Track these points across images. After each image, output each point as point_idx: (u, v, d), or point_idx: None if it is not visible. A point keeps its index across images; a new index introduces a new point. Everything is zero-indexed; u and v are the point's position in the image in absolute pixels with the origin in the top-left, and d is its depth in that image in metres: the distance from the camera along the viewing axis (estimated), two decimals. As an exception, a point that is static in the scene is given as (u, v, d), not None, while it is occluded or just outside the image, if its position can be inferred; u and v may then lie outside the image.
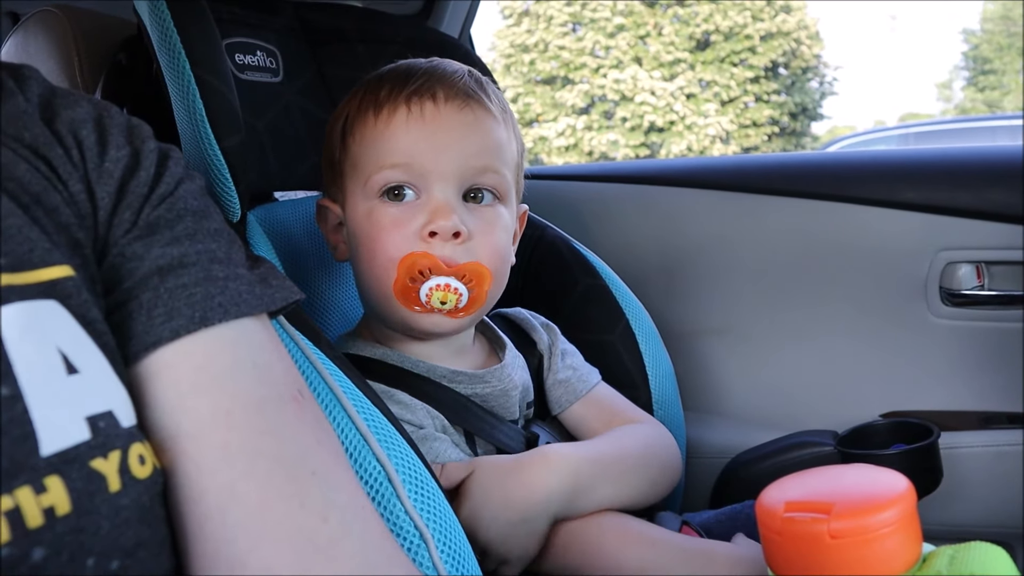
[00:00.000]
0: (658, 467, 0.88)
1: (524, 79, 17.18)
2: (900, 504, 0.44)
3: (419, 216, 0.78)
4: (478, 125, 0.81)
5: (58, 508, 0.37)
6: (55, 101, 0.51)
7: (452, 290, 0.77)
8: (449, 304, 0.78)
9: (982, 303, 1.23)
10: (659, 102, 16.15)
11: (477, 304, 0.80)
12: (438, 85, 0.80)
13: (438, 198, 0.79)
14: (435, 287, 0.77)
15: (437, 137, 0.79)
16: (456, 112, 0.80)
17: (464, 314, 0.80)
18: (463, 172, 0.80)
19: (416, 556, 0.57)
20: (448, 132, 0.79)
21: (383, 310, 0.82)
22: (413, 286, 0.77)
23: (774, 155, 1.45)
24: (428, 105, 0.79)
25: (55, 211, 0.46)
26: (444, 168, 0.79)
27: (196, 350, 0.47)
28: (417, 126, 0.79)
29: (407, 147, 0.79)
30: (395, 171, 0.79)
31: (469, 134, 0.80)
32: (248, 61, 0.98)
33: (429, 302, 0.77)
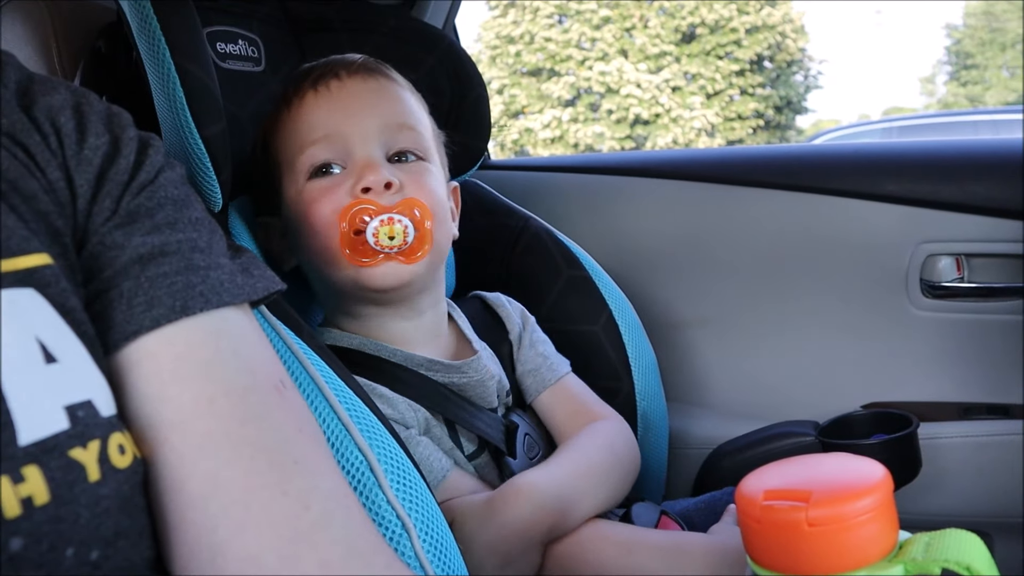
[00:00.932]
0: (624, 467, 0.89)
1: (510, 71, 17.14)
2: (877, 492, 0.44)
3: (348, 179, 0.80)
4: (385, 91, 0.85)
5: (36, 498, 0.37)
6: (33, 87, 0.50)
7: (396, 222, 0.78)
8: (398, 238, 0.78)
9: (962, 295, 1.24)
10: (645, 95, 16.16)
11: (425, 242, 0.80)
12: (339, 66, 0.85)
13: (363, 157, 0.81)
14: (380, 223, 0.77)
15: (348, 104, 0.82)
16: (361, 82, 0.84)
17: (418, 255, 0.79)
18: (381, 131, 0.82)
19: (398, 546, 0.57)
20: (357, 98, 0.83)
21: (337, 278, 0.82)
22: (359, 237, 0.78)
23: (757, 147, 1.45)
24: (333, 82, 0.84)
25: (33, 198, 0.45)
26: (362, 130, 0.81)
27: (177, 339, 0.47)
28: (326, 101, 0.83)
29: (321, 120, 0.82)
30: (316, 147, 0.81)
31: (380, 98, 0.84)
32: (230, 50, 0.97)
33: (378, 242, 0.77)
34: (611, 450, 0.88)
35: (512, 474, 0.84)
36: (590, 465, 0.84)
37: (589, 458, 0.85)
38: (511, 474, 0.84)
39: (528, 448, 0.87)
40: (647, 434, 1.04)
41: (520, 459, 0.85)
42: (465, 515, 0.75)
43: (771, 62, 17.16)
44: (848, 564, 0.43)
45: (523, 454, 0.86)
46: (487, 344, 0.93)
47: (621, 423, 0.95)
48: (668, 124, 16.12)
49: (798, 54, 17.31)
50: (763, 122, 17.05)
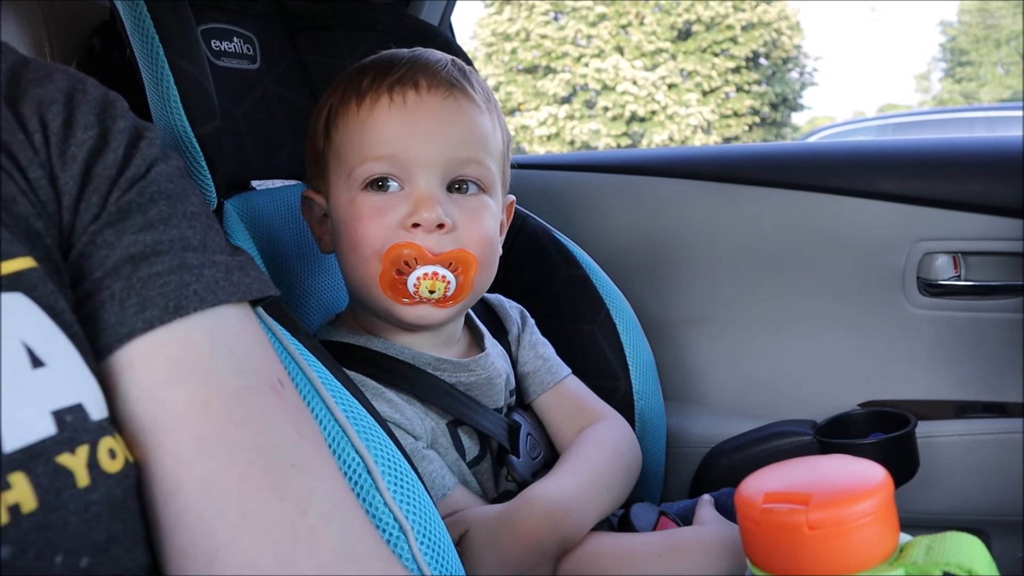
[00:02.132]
0: (628, 469, 0.89)
1: (506, 68, 17.13)
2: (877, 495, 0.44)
3: (402, 206, 0.77)
4: (461, 114, 0.80)
5: (23, 505, 0.36)
6: (26, 75, 0.48)
7: (440, 278, 0.76)
8: (437, 292, 0.77)
9: (959, 293, 1.24)
10: (641, 92, 16.16)
11: (465, 292, 0.79)
12: (420, 74, 0.79)
13: (422, 188, 0.77)
14: (423, 276, 0.76)
15: (419, 126, 0.78)
16: (439, 101, 0.79)
17: (453, 303, 0.79)
18: (447, 162, 0.78)
19: (396, 548, 0.56)
20: (431, 121, 0.78)
21: (369, 301, 0.81)
22: (400, 277, 0.76)
23: (754, 145, 1.45)
24: (411, 94, 0.78)
25: (12, 202, 0.44)
26: (427, 158, 0.78)
27: (171, 341, 0.46)
28: (399, 115, 0.78)
29: (389, 137, 0.78)
30: (378, 163, 0.78)
31: (452, 123, 0.79)
32: (225, 47, 0.96)
33: (418, 292, 0.76)
34: (616, 453, 0.88)
35: (517, 473, 0.84)
36: (598, 473, 0.84)
37: (596, 465, 0.85)
38: (516, 474, 0.84)
39: (531, 448, 0.87)
40: (645, 433, 1.04)
41: (523, 458, 0.85)
42: (478, 527, 0.74)
43: (767, 59, 17.17)
44: (849, 567, 0.43)
45: (526, 454, 0.86)
46: (496, 342, 0.93)
47: (622, 423, 0.95)
48: (664, 121, 16.13)
49: (793, 51, 17.33)
50: (759, 119, 17.06)
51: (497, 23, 17.10)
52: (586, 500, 0.79)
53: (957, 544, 0.44)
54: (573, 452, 0.87)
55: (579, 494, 0.79)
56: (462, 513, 0.76)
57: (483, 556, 0.73)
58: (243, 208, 0.92)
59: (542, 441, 0.91)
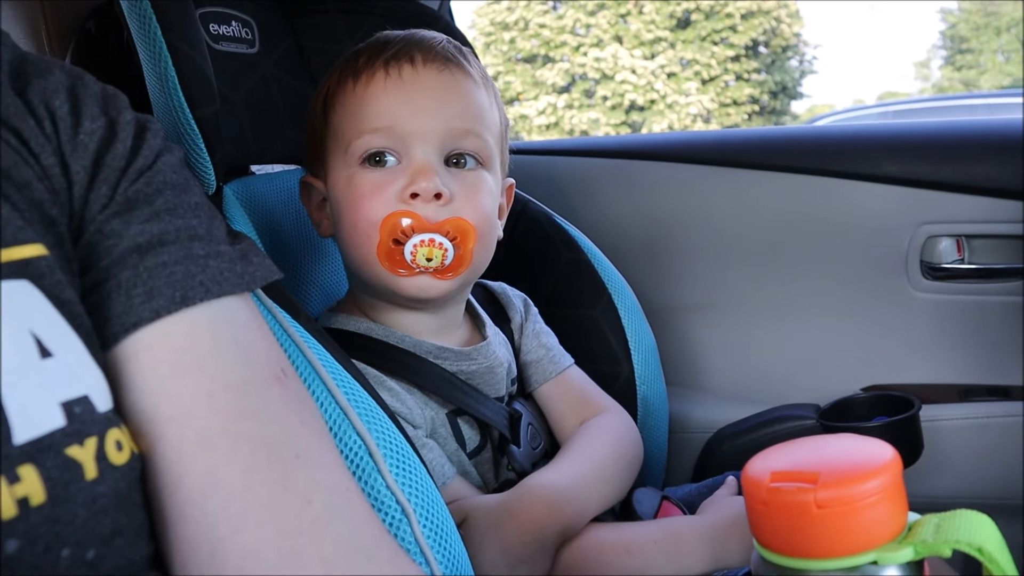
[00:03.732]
0: (629, 462, 0.89)
1: (504, 57, 17.09)
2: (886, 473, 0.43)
3: (400, 179, 0.77)
4: (458, 88, 0.80)
5: (32, 498, 0.36)
6: (26, 68, 0.48)
7: (437, 245, 0.76)
8: (435, 261, 0.76)
9: (962, 277, 1.24)
10: (640, 81, 16.12)
11: (464, 263, 0.78)
12: (416, 49, 0.80)
13: (419, 159, 0.77)
14: (420, 243, 0.75)
15: (416, 98, 0.78)
16: (435, 74, 0.80)
17: (452, 274, 0.78)
18: (444, 134, 0.78)
19: (398, 531, 0.56)
20: (427, 93, 0.79)
21: (368, 276, 0.81)
22: (397, 247, 0.76)
23: (756, 129, 1.45)
24: (407, 68, 0.79)
25: (27, 187, 0.44)
26: (424, 129, 0.78)
27: (177, 331, 0.45)
28: (395, 88, 0.78)
29: (386, 110, 0.78)
30: (375, 136, 0.78)
31: (449, 96, 0.79)
32: (223, 31, 0.96)
33: (415, 260, 0.76)
34: (618, 446, 0.88)
35: (517, 463, 0.83)
36: (599, 464, 0.84)
37: (598, 457, 0.85)
38: (516, 464, 0.84)
39: (531, 438, 0.87)
40: (647, 418, 1.04)
41: (524, 448, 0.85)
42: (478, 515, 0.74)
43: (766, 47, 17.13)
44: (857, 546, 0.43)
45: (527, 443, 0.86)
46: (498, 330, 0.93)
47: (624, 416, 0.94)
48: (663, 110, 16.10)
49: (793, 39, 17.29)
50: (758, 107, 17.04)
51: (496, 12, 17.05)
52: (587, 490, 0.79)
53: (967, 522, 0.43)
54: (575, 443, 0.87)
55: (580, 484, 0.79)
56: (460, 502, 0.76)
57: (483, 544, 0.72)
58: (242, 193, 0.91)
59: (543, 431, 0.91)
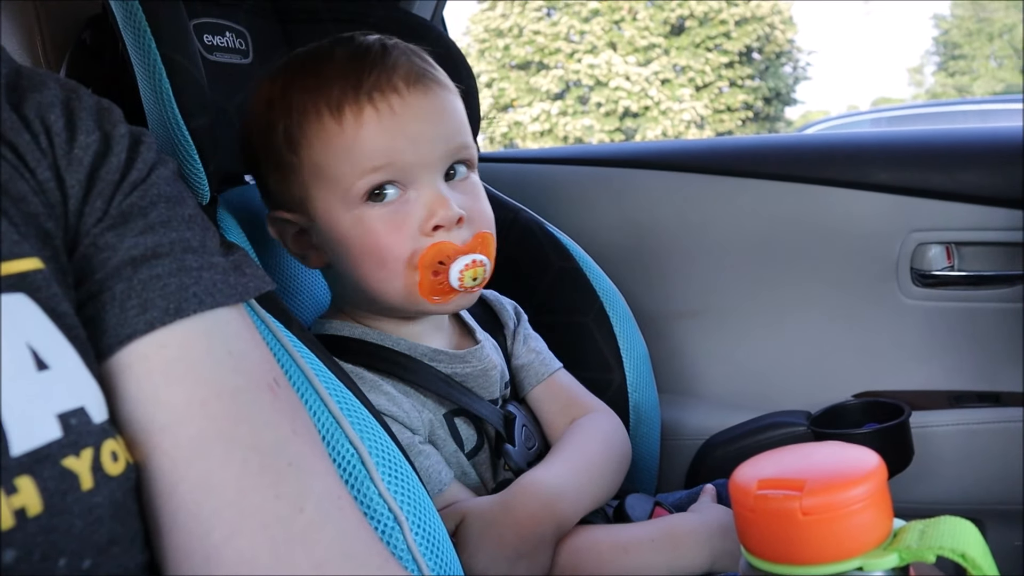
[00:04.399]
0: (619, 460, 0.90)
1: (498, 64, 17.11)
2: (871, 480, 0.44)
3: (414, 212, 0.76)
4: (444, 105, 0.79)
5: (29, 509, 0.36)
6: (22, 82, 0.49)
7: (478, 263, 0.77)
8: (480, 278, 0.78)
9: (952, 284, 1.25)
10: (634, 87, 16.15)
11: (491, 271, 0.81)
12: (395, 75, 0.76)
13: (430, 190, 0.77)
14: (465, 267, 0.77)
15: (412, 129, 0.76)
16: (422, 98, 0.77)
17: (484, 283, 0.80)
18: (444, 156, 0.78)
19: (390, 539, 0.56)
20: (421, 120, 0.76)
21: (397, 306, 0.80)
22: (438, 278, 0.76)
23: (747, 137, 1.45)
24: (395, 99, 0.75)
25: (23, 200, 0.44)
26: (427, 158, 0.77)
27: (171, 342, 0.46)
28: (390, 124, 0.75)
29: (386, 147, 0.75)
30: (377, 174, 0.76)
31: (441, 118, 0.78)
32: (217, 42, 0.96)
33: (463, 284, 0.77)
34: (607, 444, 0.89)
35: (513, 462, 0.84)
36: (589, 461, 0.85)
37: (588, 454, 0.86)
38: (512, 463, 0.84)
39: (526, 439, 0.88)
40: (639, 426, 1.04)
41: (519, 447, 0.86)
42: (474, 515, 0.75)
43: (760, 54, 17.18)
44: (843, 553, 0.43)
45: (521, 443, 0.87)
46: (488, 335, 0.93)
47: (612, 416, 0.96)
48: (657, 116, 16.13)
49: (787, 45, 17.35)
50: (752, 114, 17.08)
51: (490, 19, 17.07)
52: (579, 486, 0.81)
53: (950, 528, 0.44)
54: (565, 442, 0.88)
55: (572, 480, 0.81)
56: (457, 504, 0.76)
57: (480, 543, 0.73)
58: (236, 202, 0.92)
59: (536, 433, 0.92)
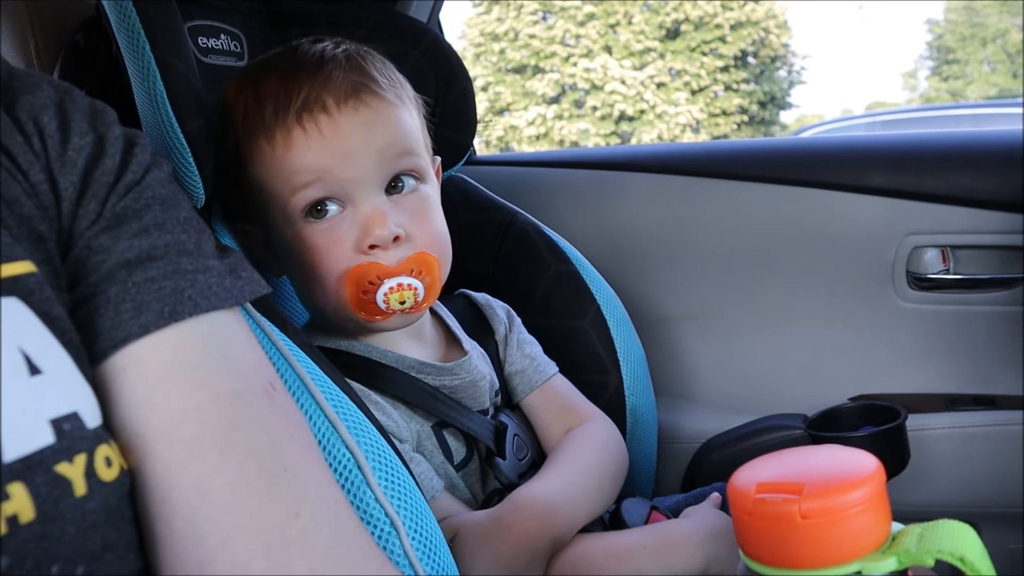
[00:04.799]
0: (616, 470, 0.89)
1: (494, 68, 17.12)
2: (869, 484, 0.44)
3: (351, 230, 0.76)
4: (379, 120, 0.77)
5: (22, 516, 0.36)
6: (14, 84, 0.48)
7: (407, 287, 0.76)
8: (408, 302, 0.76)
9: (948, 287, 1.25)
10: (629, 91, 16.18)
11: (434, 293, 0.79)
12: (324, 92, 0.75)
13: (365, 207, 0.76)
14: (390, 290, 0.75)
15: (342, 145, 0.75)
16: (353, 115, 0.75)
17: (425, 304, 0.79)
18: (378, 169, 0.76)
19: (387, 543, 0.56)
20: (352, 138, 0.75)
21: (339, 319, 0.81)
22: (367, 297, 0.76)
23: (743, 141, 1.46)
24: (322, 119, 0.75)
25: (15, 203, 0.44)
26: (360, 174, 0.75)
27: (165, 345, 0.46)
28: (318, 143, 0.75)
29: (314, 164, 0.75)
30: (311, 189, 0.75)
31: (374, 132, 0.76)
32: (212, 44, 0.96)
33: (388, 307, 0.76)
34: (604, 453, 0.88)
35: (503, 475, 0.84)
36: (586, 473, 0.84)
37: (584, 466, 0.85)
38: (503, 476, 0.84)
39: (517, 449, 0.87)
40: (636, 429, 1.04)
41: (510, 460, 0.85)
42: (468, 531, 0.74)
43: (755, 58, 17.23)
44: (842, 556, 0.43)
45: (512, 455, 0.86)
46: (476, 343, 0.92)
47: (609, 424, 0.94)
48: (653, 120, 16.16)
49: (781, 50, 17.40)
50: (747, 118, 17.12)
51: (485, 23, 17.10)
52: (575, 499, 0.79)
53: (949, 531, 0.44)
54: (561, 453, 0.87)
55: (568, 493, 0.79)
56: (450, 519, 0.75)
57: (474, 559, 0.72)
58: (231, 206, 0.91)
59: (529, 441, 0.91)
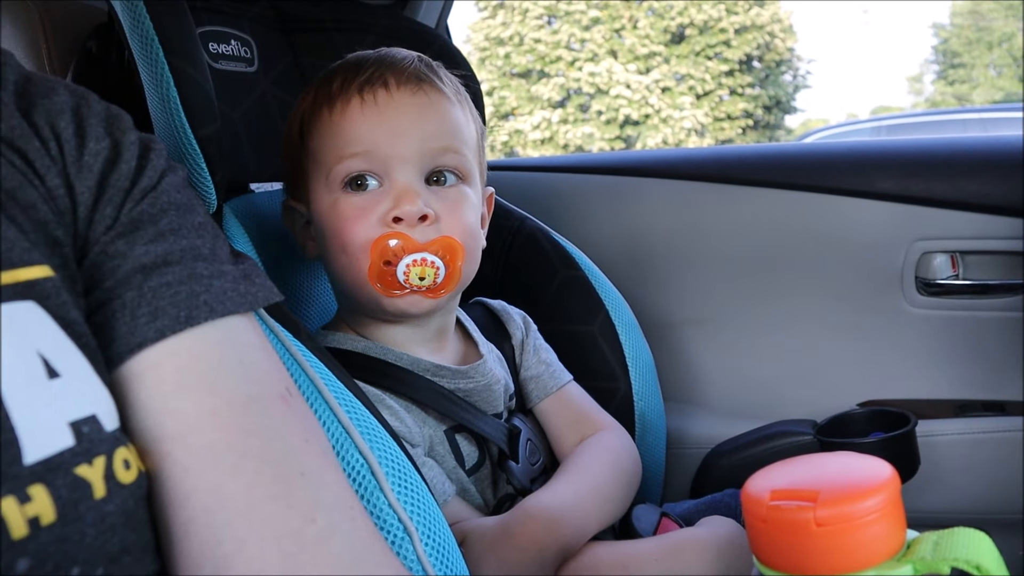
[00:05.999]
0: (628, 481, 0.88)
1: (499, 72, 17.13)
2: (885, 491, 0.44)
3: (383, 202, 0.78)
4: (433, 107, 0.81)
5: (43, 518, 0.36)
6: (31, 89, 0.48)
7: (429, 264, 0.77)
8: (428, 280, 0.77)
9: (957, 292, 1.25)
10: (634, 95, 16.17)
11: (453, 280, 0.79)
12: (388, 72, 0.80)
13: (400, 183, 0.78)
14: (412, 263, 0.76)
15: (393, 122, 0.79)
16: (409, 96, 0.80)
17: (444, 291, 0.79)
18: (423, 154, 0.79)
19: (400, 550, 0.56)
20: (403, 116, 0.79)
21: (358, 297, 0.81)
22: (388, 268, 0.76)
23: (751, 146, 1.45)
24: (380, 92, 0.80)
25: (32, 208, 0.44)
26: (403, 152, 0.78)
27: (181, 350, 0.46)
28: (372, 114, 0.79)
29: (364, 135, 0.78)
30: (355, 160, 0.79)
31: (425, 116, 0.80)
32: (223, 50, 0.96)
33: (408, 280, 0.77)
34: (616, 466, 0.88)
35: (516, 479, 0.83)
36: (597, 483, 0.84)
37: (596, 476, 0.84)
38: (515, 480, 0.83)
39: (530, 454, 0.87)
40: (645, 434, 1.04)
41: (522, 464, 0.85)
42: (476, 537, 0.74)
43: (760, 62, 17.21)
44: (856, 564, 0.43)
45: (525, 459, 0.85)
46: (493, 346, 0.93)
47: (623, 434, 0.94)
48: (658, 124, 16.14)
49: (787, 54, 17.38)
50: (752, 122, 17.10)
51: (490, 27, 17.11)
52: (585, 510, 0.79)
53: (965, 539, 0.43)
54: (573, 462, 0.87)
55: (578, 504, 0.79)
56: (459, 524, 0.75)
57: (480, 565, 0.72)
58: (242, 211, 0.92)
59: (542, 447, 0.91)
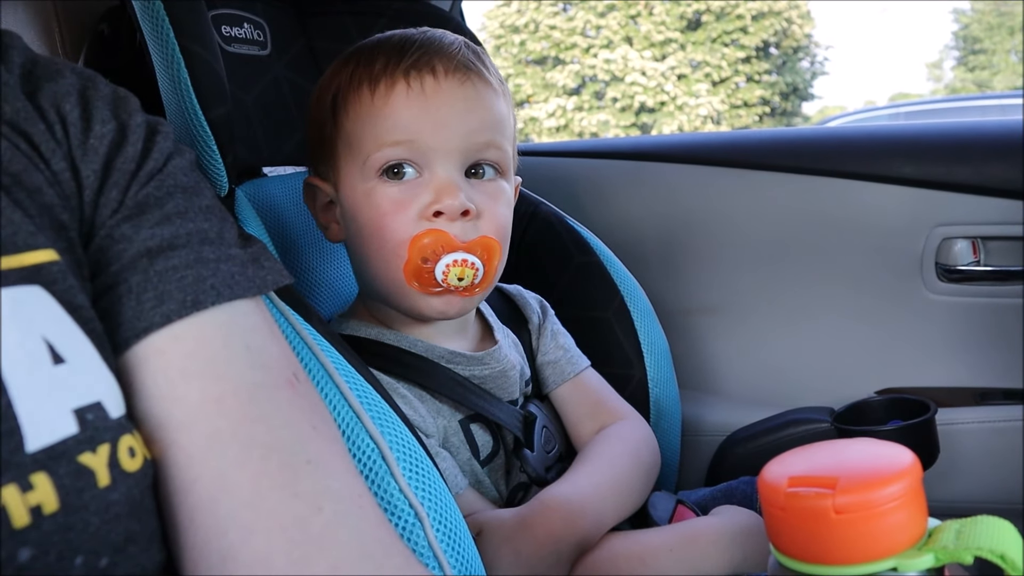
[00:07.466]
0: (647, 472, 0.87)
1: (514, 60, 17.09)
2: (905, 478, 0.43)
3: (423, 195, 0.75)
4: (479, 99, 0.78)
5: (45, 506, 0.35)
6: (37, 72, 0.48)
7: (469, 265, 0.75)
8: (466, 280, 0.75)
9: (978, 279, 1.23)
10: (650, 82, 16.10)
11: (490, 280, 0.78)
12: (436, 58, 0.77)
13: (441, 176, 0.75)
14: (452, 263, 0.74)
15: (440, 113, 0.75)
16: (457, 86, 0.77)
17: (479, 290, 0.77)
18: (466, 148, 0.77)
19: (411, 535, 0.56)
20: (450, 107, 0.76)
21: (392, 293, 0.79)
22: (426, 266, 0.74)
23: (769, 130, 1.44)
24: (428, 80, 0.76)
25: (37, 192, 0.44)
26: (447, 145, 0.75)
27: (188, 335, 0.45)
28: (418, 102, 0.75)
29: (408, 124, 0.75)
30: (396, 149, 0.75)
31: (472, 109, 0.77)
32: (235, 33, 0.96)
33: (446, 280, 0.75)
34: (635, 456, 0.87)
35: (530, 467, 0.83)
36: (616, 475, 0.83)
37: (614, 468, 0.83)
38: (530, 468, 0.83)
39: (545, 441, 0.86)
40: (660, 421, 1.03)
41: (537, 452, 0.84)
42: (492, 529, 0.73)
43: (777, 48, 17.08)
44: (877, 553, 0.42)
45: (540, 447, 0.85)
46: (509, 331, 0.92)
47: (641, 424, 0.93)
48: (673, 112, 16.07)
49: (804, 40, 17.23)
50: (769, 109, 16.98)
51: (506, 15, 17.06)
52: (603, 502, 0.78)
53: (988, 528, 0.43)
54: (592, 453, 0.86)
55: (596, 496, 0.78)
56: (475, 516, 0.75)
57: (497, 557, 0.71)
58: (254, 194, 0.92)
59: (558, 434, 0.90)
